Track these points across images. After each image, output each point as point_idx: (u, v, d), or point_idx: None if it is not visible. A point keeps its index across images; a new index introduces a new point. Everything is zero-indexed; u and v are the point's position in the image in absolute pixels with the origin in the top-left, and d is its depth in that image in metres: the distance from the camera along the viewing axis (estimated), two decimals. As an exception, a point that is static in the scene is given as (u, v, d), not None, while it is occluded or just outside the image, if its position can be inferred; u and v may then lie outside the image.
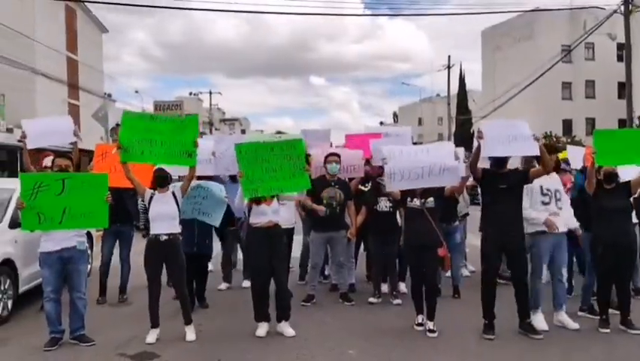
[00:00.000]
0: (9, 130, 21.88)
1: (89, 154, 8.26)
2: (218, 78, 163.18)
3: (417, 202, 6.26)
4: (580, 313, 6.59)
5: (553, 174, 6.38)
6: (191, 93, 64.81)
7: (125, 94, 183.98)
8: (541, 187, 6.22)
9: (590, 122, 38.75)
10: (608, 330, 6.07)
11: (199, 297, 7.39)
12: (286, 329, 6.07)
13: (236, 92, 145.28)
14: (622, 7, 18.58)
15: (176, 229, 5.98)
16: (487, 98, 42.71)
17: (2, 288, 6.69)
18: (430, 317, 6.15)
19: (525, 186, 6.15)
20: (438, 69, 67.63)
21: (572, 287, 7.48)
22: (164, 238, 5.86)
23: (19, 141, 6.98)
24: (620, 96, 40.00)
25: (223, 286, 8.44)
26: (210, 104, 51.00)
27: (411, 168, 6.05)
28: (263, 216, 6.15)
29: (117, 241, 7.85)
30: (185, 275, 6.14)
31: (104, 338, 6.08)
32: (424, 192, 6.25)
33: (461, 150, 7.44)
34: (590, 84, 41.38)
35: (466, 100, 46.21)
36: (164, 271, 6.17)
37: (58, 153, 7.10)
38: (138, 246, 8.37)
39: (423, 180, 6.07)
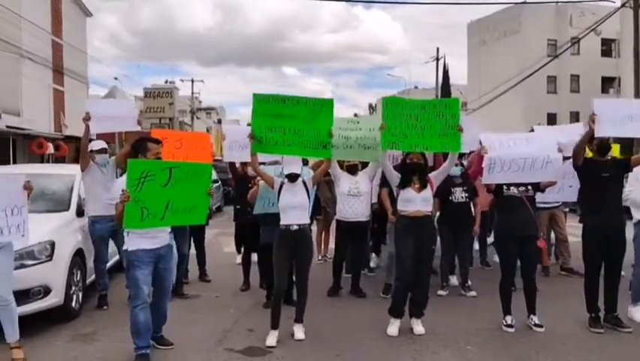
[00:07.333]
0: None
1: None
2: (191, 67, 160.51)
3: (515, 190, 5.99)
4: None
5: None
6: (166, 81, 63.39)
7: (97, 80, 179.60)
8: None
9: (574, 116, 39.28)
10: None
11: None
12: (416, 326, 5.76)
13: (209, 81, 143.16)
14: (631, 2, 18.70)
15: (307, 219, 5.65)
16: (472, 92, 42.97)
17: (75, 280, 6.25)
18: (533, 311, 5.94)
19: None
20: (422, 61, 67.39)
21: None
22: (295, 227, 5.54)
23: (83, 120, 6.46)
24: (603, 90, 40.84)
25: None
26: (192, 92, 50.05)
27: (512, 159, 5.73)
28: (410, 204, 5.78)
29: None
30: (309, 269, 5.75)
31: (197, 331, 5.75)
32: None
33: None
34: (575, 78, 42.06)
35: (449, 93, 46.24)
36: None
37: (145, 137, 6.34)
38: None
39: (523, 174, 5.78)
